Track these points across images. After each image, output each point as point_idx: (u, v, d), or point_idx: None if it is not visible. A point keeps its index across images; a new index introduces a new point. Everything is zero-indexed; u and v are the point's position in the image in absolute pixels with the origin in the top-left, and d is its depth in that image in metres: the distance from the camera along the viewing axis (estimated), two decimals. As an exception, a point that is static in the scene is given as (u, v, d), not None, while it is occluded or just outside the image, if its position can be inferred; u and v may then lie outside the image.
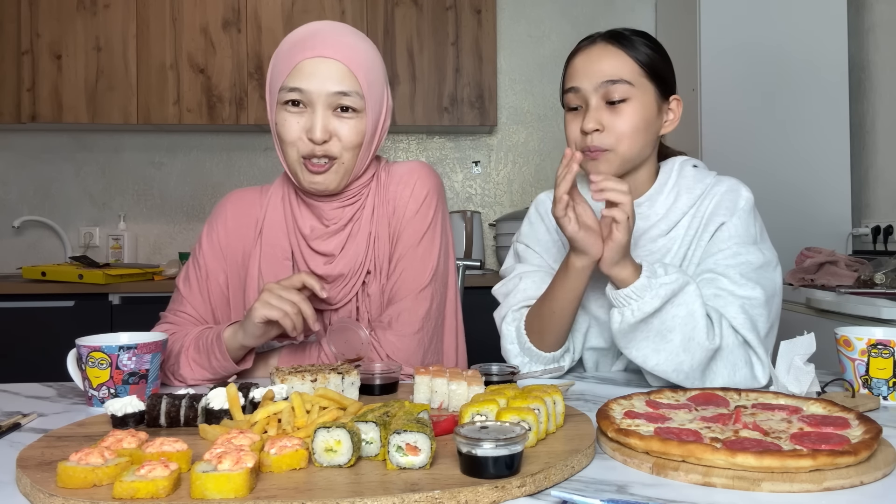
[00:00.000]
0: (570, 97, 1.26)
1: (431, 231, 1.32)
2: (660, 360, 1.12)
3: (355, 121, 1.23)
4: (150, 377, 1.08)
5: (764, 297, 1.18)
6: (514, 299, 1.30)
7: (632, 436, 0.80)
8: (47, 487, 0.69)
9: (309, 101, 1.21)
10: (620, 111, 1.22)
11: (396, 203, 1.31)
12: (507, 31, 3.59)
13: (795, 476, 0.71)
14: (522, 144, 3.63)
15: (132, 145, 3.52)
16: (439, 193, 1.35)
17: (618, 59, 1.23)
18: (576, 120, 1.25)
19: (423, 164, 1.36)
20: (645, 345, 1.12)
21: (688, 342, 1.10)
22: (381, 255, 1.31)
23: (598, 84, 1.22)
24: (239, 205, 1.38)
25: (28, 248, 3.49)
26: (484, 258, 3.47)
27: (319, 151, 1.22)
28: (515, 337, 1.27)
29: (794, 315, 2.27)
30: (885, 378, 1.05)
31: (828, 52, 2.99)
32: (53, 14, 3.12)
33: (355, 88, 1.22)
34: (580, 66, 1.26)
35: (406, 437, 0.73)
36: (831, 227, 2.97)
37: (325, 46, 1.22)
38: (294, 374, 1.00)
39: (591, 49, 1.26)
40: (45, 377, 1.29)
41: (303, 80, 1.20)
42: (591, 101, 1.23)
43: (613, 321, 1.13)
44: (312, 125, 1.21)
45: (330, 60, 1.21)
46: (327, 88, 1.21)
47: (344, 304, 1.32)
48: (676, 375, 1.12)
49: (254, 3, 3.19)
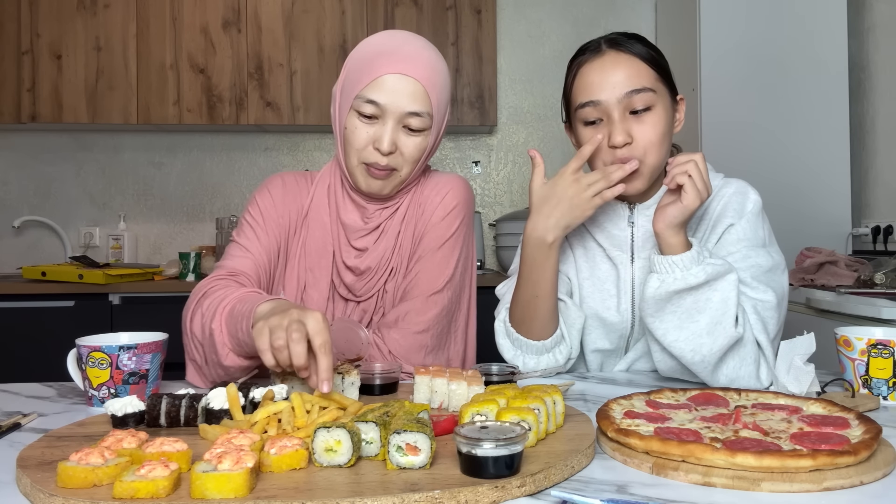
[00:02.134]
0: (587, 111, 1.21)
1: (453, 241, 1.33)
2: (680, 338, 1.12)
3: (420, 138, 1.25)
4: (151, 377, 1.08)
5: (775, 301, 1.19)
6: (509, 297, 1.31)
7: (632, 436, 0.80)
8: (47, 487, 0.69)
9: (382, 114, 1.22)
10: (645, 120, 1.19)
11: (425, 208, 1.33)
12: (507, 31, 3.59)
13: (795, 476, 0.71)
14: (522, 144, 3.63)
15: (132, 145, 3.52)
16: (468, 208, 1.36)
17: (634, 66, 1.20)
18: (597, 134, 1.20)
19: (459, 177, 1.38)
20: (671, 318, 1.13)
21: (714, 326, 1.11)
22: (404, 256, 1.33)
23: (621, 95, 1.18)
24: (289, 185, 1.38)
25: (28, 248, 3.49)
26: (484, 258, 3.48)
27: (383, 162, 1.23)
28: (504, 331, 1.28)
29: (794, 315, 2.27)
30: (885, 378, 1.05)
31: (828, 52, 2.99)
32: (53, 14, 3.12)
33: (427, 109, 1.23)
34: (595, 78, 1.21)
35: (406, 437, 0.73)
36: (831, 228, 2.97)
37: (407, 63, 1.22)
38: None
39: (603, 59, 1.22)
40: (45, 377, 1.29)
41: (381, 95, 1.21)
42: (614, 113, 1.19)
43: (650, 286, 1.13)
44: (381, 137, 1.22)
45: (409, 79, 1.22)
46: (403, 107, 1.22)
47: (368, 297, 1.33)
48: (692, 356, 1.12)
49: (254, 3, 3.19)
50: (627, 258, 1.30)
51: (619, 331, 1.32)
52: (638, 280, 1.29)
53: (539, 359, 1.25)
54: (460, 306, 1.35)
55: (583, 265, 1.34)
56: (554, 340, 1.26)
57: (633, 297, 1.29)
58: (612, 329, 1.31)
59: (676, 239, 1.13)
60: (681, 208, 1.12)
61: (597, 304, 1.31)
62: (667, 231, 1.13)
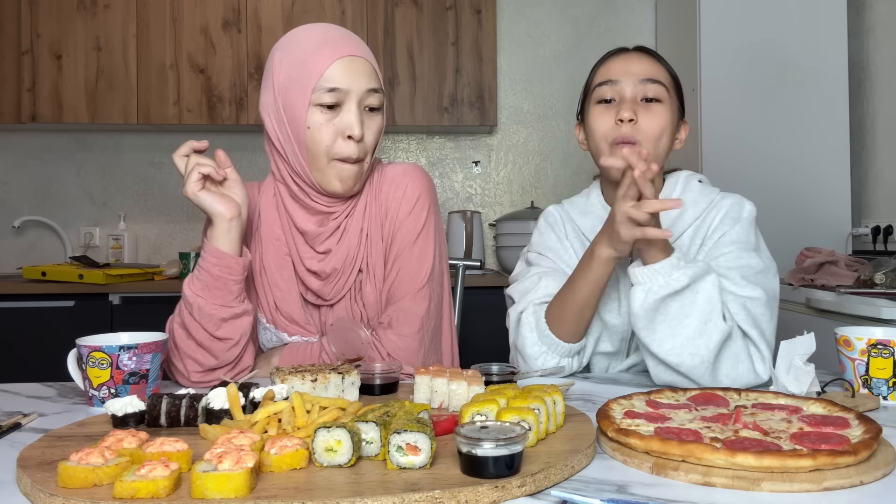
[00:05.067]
0: (604, 89, 1.30)
1: (426, 231, 1.32)
2: (675, 345, 1.13)
3: (378, 118, 1.27)
4: (151, 377, 1.08)
5: (765, 298, 1.21)
6: (535, 295, 1.30)
7: (632, 436, 0.80)
8: (48, 487, 0.69)
9: (344, 99, 1.22)
10: (653, 110, 1.27)
11: (389, 205, 1.32)
12: (507, 31, 3.59)
13: (795, 476, 0.71)
14: (522, 144, 3.63)
15: (132, 145, 3.52)
16: (431, 195, 1.36)
17: (654, 64, 1.32)
18: (607, 112, 1.29)
19: (415, 166, 1.37)
20: (662, 328, 1.14)
21: (704, 325, 1.12)
22: (374, 256, 1.31)
23: (637, 80, 1.28)
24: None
25: (28, 248, 3.49)
26: (484, 258, 3.47)
27: (355, 154, 1.23)
28: (535, 325, 1.26)
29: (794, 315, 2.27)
30: (885, 378, 1.05)
31: (828, 52, 2.99)
32: (53, 14, 3.12)
33: (380, 85, 1.26)
34: (619, 65, 1.31)
35: (406, 436, 0.73)
36: (831, 228, 2.97)
37: (348, 46, 1.24)
38: (294, 373, 1.00)
39: (629, 55, 1.33)
40: (45, 377, 1.29)
41: (340, 80, 1.22)
42: (627, 93, 1.28)
43: (636, 299, 1.14)
44: (351, 123, 1.22)
45: (358, 58, 1.24)
46: (363, 86, 1.23)
47: (338, 300, 1.32)
48: (691, 360, 1.13)
49: (254, 3, 3.19)
50: (626, 261, 1.30)
51: (620, 333, 1.33)
52: None
53: (560, 360, 1.25)
54: (444, 293, 1.36)
55: None
56: (580, 346, 1.27)
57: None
58: (614, 332, 1.33)
59: (656, 248, 1.14)
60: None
61: (600, 307, 1.31)
62: (648, 245, 1.14)
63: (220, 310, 1.19)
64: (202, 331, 1.19)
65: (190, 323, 1.20)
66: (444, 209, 3.47)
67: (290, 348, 1.31)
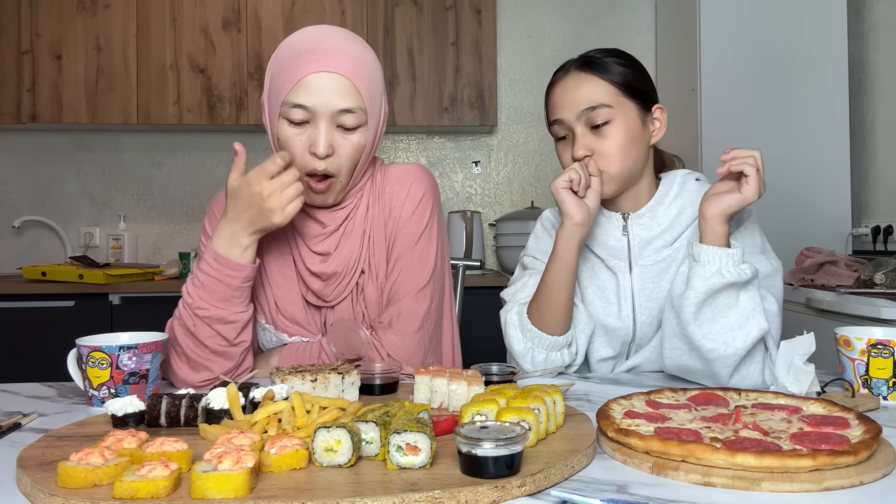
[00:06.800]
0: (556, 129, 1.31)
1: (428, 232, 1.32)
2: (713, 330, 1.14)
3: (357, 135, 1.22)
4: (151, 377, 1.08)
5: (777, 308, 1.23)
6: (522, 294, 1.32)
7: (632, 436, 0.80)
8: (47, 487, 0.69)
9: (312, 117, 1.19)
10: (605, 134, 1.26)
11: (392, 205, 1.31)
12: (507, 31, 3.59)
13: (795, 476, 0.71)
14: (522, 144, 3.63)
15: (132, 145, 3.52)
16: (434, 196, 1.35)
17: (593, 84, 1.27)
18: (566, 149, 1.30)
19: (419, 166, 1.36)
20: (707, 311, 1.15)
21: (745, 320, 1.14)
22: (377, 256, 1.31)
23: (578, 113, 1.26)
24: None
25: (28, 248, 3.49)
26: (484, 258, 3.47)
27: (321, 167, 1.20)
28: (518, 323, 1.28)
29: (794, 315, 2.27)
30: (885, 378, 1.05)
31: (828, 52, 2.99)
32: (53, 14, 3.12)
33: (359, 104, 1.19)
34: (559, 97, 1.30)
35: (406, 436, 0.73)
36: (831, 227, 2.97)
37: (328, 59, 1.18)
38: (294, 373, 1.00)
39: (566, 80, 1.30)
40: (45, 377, 1.29)
41: (308, 97, 1.17)
42: (577, 129, 1.27)
43: (700, 276, 1.14)
44: (316, 140, 1.19)
45: (333, 75, 1.18)
46: (332, 106, 1.18)
47: (339, 301, 1.32)
48: (725, 349, 1.14)
49: (254, 3, 3.19)
50: (626, 266, 1.32)
51: (620, 337, 1.33)
52: (637, 287, 1.31)
53: (548, 355, 1.26)
54: (444, 293, 1.36)
55: (585, 275, 1.35)
56: (566, 339, 1.27)
57: (633, 303, 1.32)
58: (615, 336, 1.33)
59: (723, 228, 1.15)
60: (738, 199, 1.15)
61: (599, 311, 1.33)
62: (716, 218, 1.15)
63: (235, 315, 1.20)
64: (219, 338, 1.19)
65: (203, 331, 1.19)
66: (445, 209, 3.47)
67: (290, 348, 1.31)
